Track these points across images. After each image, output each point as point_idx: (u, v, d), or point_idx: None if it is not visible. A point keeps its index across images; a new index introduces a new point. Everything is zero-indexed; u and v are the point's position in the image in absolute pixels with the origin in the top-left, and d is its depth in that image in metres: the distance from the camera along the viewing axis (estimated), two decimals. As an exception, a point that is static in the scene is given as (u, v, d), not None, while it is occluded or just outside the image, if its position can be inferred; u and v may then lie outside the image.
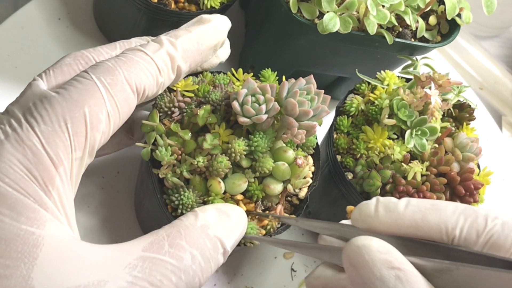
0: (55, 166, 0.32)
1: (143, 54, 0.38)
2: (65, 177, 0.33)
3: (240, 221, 0.38)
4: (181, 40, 0.40)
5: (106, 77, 0.36)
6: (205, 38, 0.42)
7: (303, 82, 0.42)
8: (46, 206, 0.31)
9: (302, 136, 0.42)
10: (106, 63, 0.37)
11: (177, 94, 0.43)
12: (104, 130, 0.35)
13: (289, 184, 0.43)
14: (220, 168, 0.40)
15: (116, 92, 0.36)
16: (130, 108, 0.37)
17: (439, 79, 0.50)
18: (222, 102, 0.43)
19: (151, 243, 0.34)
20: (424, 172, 0.48)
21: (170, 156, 0.41)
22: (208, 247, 0.35)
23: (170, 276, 0.32)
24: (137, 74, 0.37)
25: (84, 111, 0.34)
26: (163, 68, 0.39)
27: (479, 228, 0.33)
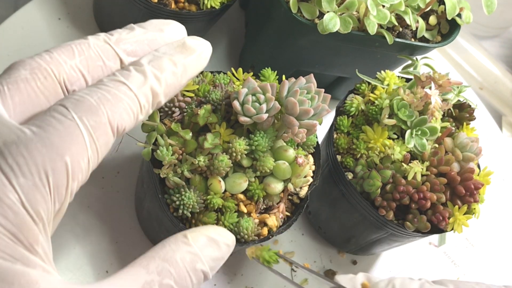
0: (36, 224, 0.30)
1: (127, 90, 0.35)
2: (44, 232, 0.31)
3: (227, 251, 0.38)
4: (166, 74, 0.37)
5: (89, 119, 0.32)
6: (188, 71, 0.38)
7: (303, 81, 0.42)
8: (34, 265, 0.30)
9: (302, 135, 0.42)
10: (88, 99, 0.33)
11: (178, 94, 0.43)
12: (82, 179, 0.33)
13: (289, 183, 0.43)
14: (221, 167, 0.40)
15: (98, 136, 0.32)
16: (107, 149, 0.34)
17: (439, 79, 0.50)
18: (222, 102, 0.43)
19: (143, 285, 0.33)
20: (424, 172, 0.48)
21: (171, 156, 0.41)
22: (193, 282, 0.35)
23: None
24: (121, 114, 0.34)
25: (66, 161, 0.31)
26: (144, 105, 0.36)
27: None
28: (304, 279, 0.58)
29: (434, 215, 0.47)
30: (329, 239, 0.61)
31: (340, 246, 0.61)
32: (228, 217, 0.42)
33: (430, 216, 0.48)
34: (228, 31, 0.70)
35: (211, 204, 0.41)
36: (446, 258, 0.66)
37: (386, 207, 0.48)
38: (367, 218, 0.50)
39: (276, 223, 0.43)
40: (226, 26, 0.70)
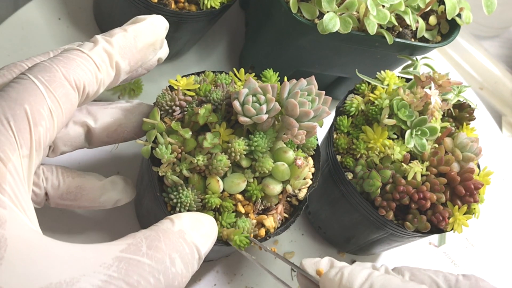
0: (3, 163, 0.32)
1: (79, 52, 0.38)
2: (15, 174, 0.33)
3: (212, 229, 0.39)
4: (116, 37, 0.40)
5: (43, 75, 0.36)
6: (141, 35, 0.42)
7: (304, 83, 0.42)
8: (3, 204, 0.31)
9: (302, 137, 0.42)
10: (42, 63, 0.37)
11: (178, 93, 0.43)
12: (48, 127, 0.35)
13: (288, 185, 0.43)
14: (220, 166, 0.40)
15: (55, 88, 0.36)
16: (72, 104, 0.37)
17: (439, 79, 0.50)
18: (223, 102, 0.43)
19: (128, 245, 0.33)
20: (424, 172, 0.48)
21: (170, 154, 0.41)
22: (186, 252, 0.35)
23: (148, 277, 0.32)
24: (75, 70, 0.37)
25: (25, 108, 0.34)
26: (101, 64, 0.39)
27: None
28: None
29: (434, 215, 0.47)
30: (329, 239, 0.61)
31: (340, 246, 0.61)
32: (226, 217, 0.42)
33: (430, 216, 0.48)
34: (228, 31, 0.70)
35: (209, 203, 0.41)
36: (446, 258, 0.66)
37: (386, 207, 0.48)
38: (367, 218, 0.50)
39: (273, 224, 0.43)
40: (226, 26, 0.70)
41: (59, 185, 0.46)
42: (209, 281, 0.55)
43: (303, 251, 0.60)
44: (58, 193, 0.46)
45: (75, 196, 0.46)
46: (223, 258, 0.57)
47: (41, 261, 0.30)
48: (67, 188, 0.46)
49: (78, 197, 0.47)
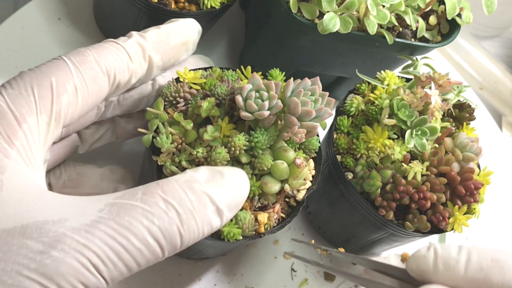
0: (18, 122, 0.34)
1: (114, 43, 0.41)
2: (29, 134, 0.35)
3: (236, 181, 0.36)
4: (150, 33, 0.43)
5: (75, 57, 0.38)
6: (174, 33, 0.44)
7: (308, 83, 0.42)
8: (9, 155, 0.33)
9: (302, 135, 0.42)
10: (78, 49, 0.39)
11: (184, 85, 0.44)
12: (71, 101, 0.37)
13: (286, 184, 0.43)
14: (218, 159, 0.40)
15: (84, 69, 0.38)
16: (99, 87, 0.39)
17: (439, 79, 0.50)
18: (227, 97, 0.43)
19: (124, 193, 0.33)
20: (424, 172, 0.48)
21: (170, 144, 0.41)
22: (190, 199, 0.33)
23: (140, 219, 0.31)
24: (107, 57, 0.39)
25: (51, 80, 0.36)
26: (133, 55, 0.41)
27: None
28: (304, 279, 0.58)
29: (434, 215, 0.47)
30: (329, 239, 0.61)
31: (340, 246, 0.61)
32: None
33: (430, 216, 0.48)
34: (228, 31, 0.70)
35: None
36: (446, 258, 0.66)
37: (386, 207, 0.48)
38: (367, 218, 0.50)
39: (265, 220, 0.43)
40: (226, 26, 0.70)
41: (61, 173, 0.47)
42: (209, 281, 0.55)
43: (303, 251, 0.60)
44: (60, 182, 0.47)
45: (77, 183, 0.47)
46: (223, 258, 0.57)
47: (33, 203, 0.31)
48: (69, 176, 0.47)
49: (80, 184, 0.47)
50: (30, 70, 0.37)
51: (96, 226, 0.30)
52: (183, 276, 0.55)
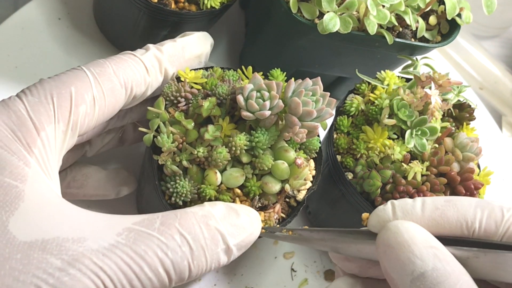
0: (37, 130, 0.35)
1: (132, 56, 0.42)
2: (47, 143, 0.35)
3: (250, 222, 0.37)
4: (166, 46, 0.44)
5: (94, 68, 0.39)
6: (188, 47, 0.46)
7: (309, 83, 0.42)
8: (29, 164, 0.33)
9: (302, 136, 0.42)
10: (96, 60, 0.40)
11: (185, 85, 0.44)
12: (89, 112, 0.38)
13: (287, 184, 0.43)
14: (219, 159, 0.41)
15: (103, 81, 0.39)
16: (116, 99, 0.40)
17: (439, 79, 0.50)
18: (228, 97, 0.43)
19: (143, 219, 0.34)
20: (424, 172, 0.48)
21: (171, 144, 0.41)
22: (204, 235, 0.34)
23: (155, 250, 0.32)
24: (125, 70, 0.40)
25: (71, 90, 0.37)
26: (150, 68, 0.42)
27: (497, 219, 0.33)
28: (304, 279, 0.58)
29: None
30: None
31: (340, 246, 0.61)
32: None
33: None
34: (228, 31, 0.70)
35: (204, 193, 0.41)
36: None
37: (386, 207, 0.48)
38: (367, 218, 0.50)
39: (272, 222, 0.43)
40: (226, 26, 0.70)
41: (66, 174, 0.48)
42: (209, 281, 0.55)
43: (303, 251, 0.60)
44: (65, 182, 0.48)
45: (81, 183, 0.48)
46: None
47: (53, 217, 0.32)
48: (74, 176, 0.48)
49: (84, 185, 0.49)
50: (50, 78, 0.38)
51: (113, 251, 0.31)
52: (183, 276, 0.55)
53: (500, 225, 0.33)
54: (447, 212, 0.34)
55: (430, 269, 0.31)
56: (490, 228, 0.33)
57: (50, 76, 0.39)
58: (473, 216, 0.33)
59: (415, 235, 0.32)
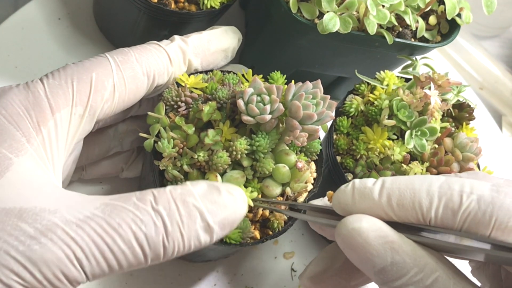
0: (52, 111, 0.35)
1: (156, 46, 0.42)
2: (60, 125, 0.36)
3: (233, 200, 0.36)
4: (192, 38, 0.44)
5: (117, 56, 0.40)
6: (214, 40, 0.46)
7: (309, 86, 0.42)
8: (32, 142, 0.34)
9: (303, 139, 0.42)
10: (121, 48, 0.41)
11: (185, 89, 0.44)
12: (108, 98, 0.38)
13: (287, 187, 0.43)
14: (220, 163, 0.40)
15: (125, 68, 0.39)
16: (137, 86, 0.40)
17: (439, 79, 0.50)
18: (228, 100, 0.43)
19: (121, 195, 0.34)
20: (424, 173, 0.48)
21: (172, 149, 0.41)
22: (180, 212, 0.34)
23: (129, 223, 0.32)
24: (148, 59, 0.41)
25: (91, 75, 0.38)
26: (174, 59, 0.43)
27: (455, 208, 0.32)
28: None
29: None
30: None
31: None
32: None
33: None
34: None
35: None
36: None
37: (385, 208, 0.48)
38: (367, 218, 0.50)
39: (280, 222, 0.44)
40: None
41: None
42: (209, 281, 0.55)
43: (303, 251, 0.60)
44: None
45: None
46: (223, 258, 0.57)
47: (32, 190, 0.32)
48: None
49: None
50: (73, 63, 0.39)
51: (87, 222, 0.31)
52: (183, 276, 0.55)
53: (457, 216, 0.32)
54: (403, 199, 0.33)
55: (389, 264, 0.31)
56: (447, 219, 0.32)
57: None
58: (428, 205, 0.32)
59: (368, 236, 0.32)
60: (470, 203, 0.32)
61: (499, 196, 0.31)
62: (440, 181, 0.33)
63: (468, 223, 0.32)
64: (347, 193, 0.35)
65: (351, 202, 0.35)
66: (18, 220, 0.31)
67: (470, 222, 0.32)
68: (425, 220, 0.33)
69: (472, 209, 0.31)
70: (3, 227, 0.30)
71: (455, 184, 0.32)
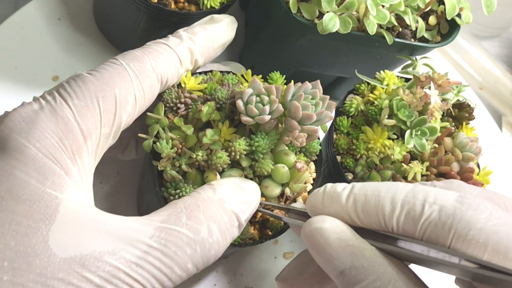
0: (84, 138, 0.34)
1: (167, 47, 0.41)
2: (91, 150, 0.35)
3: (254, 196, 0.39)
4: (198, 36, 0.44)
5: (134, 64, 0.38)
6: (218, 36, 0.46)
7: (309, 87, 0.42)
8: (70, 174, 0.33)
9: (302, 140, 0.42)
10: (134, 52, 0.40)
11: (185, 90, 0.44)
12: (131, 112, 0.38)
13: (287, 188, 0.43)
14: (219, 163, 0.41)
15: (143, 78, 0.38)
16: (153, 94, 0.40)
17: (439, 79, 0.50)
18: (227, 101, 0.43)
19: (169, 215, 0.34)
20: (424, 172, 0.48)
21: (171, 149, 0.41)
22: (225, 221, 0.36)
23: (184, 248, 0.33)
24: (162, 64, 0.40)
25: (115, 92, 0.36)
26: (184, 61, 0.42)
27: (415, 216, 0.32)
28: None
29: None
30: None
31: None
32: None
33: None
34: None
35: None
36: (446, 258, 0.66)
37: (385, 207, 0.48)
38: (367, 218, 0.50)
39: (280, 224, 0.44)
40: (226, 26, 0.70)
41: None
42: (209, 281, 0.55)
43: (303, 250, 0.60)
44: None
45: None
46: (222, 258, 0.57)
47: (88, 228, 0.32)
48: None
49: None
50: (91, 75, 0.36)
51: (146, 259, 0.32)
52: (183, 276, 0.55)
53: (417, 225, 0.31)
54: (368, 205, 0.33)
55: (348, 268, 0.31)
56: (408, 227, 0.32)
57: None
58: (391, 212, 0.32)
59: (329, 237, 0.32)
60: (431, 213, 0.31)
61: (462, 207, 0.31)
62: (407, 190, 0.33)
63: (428, 233, 0.31)
64: (318, 196, 0.36)
65: (320, 205, 0.35)
66: (82, 269, 0.30)
67: (430, 232, 0.31)
68: (387, 227, 0.33)
69: (432, 220, 0.31)
70: (70, 281, 0.29)
71: (419, 193, 0.32)
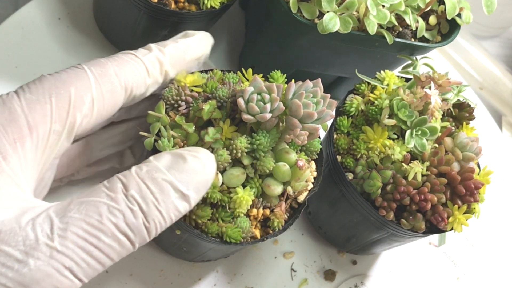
0: (29, 128, 0.34)
1: (134, 56, 0.41)
2: (37, 142, 0.35)
3: (200, 163, 0.36)
4: (168, 48, 0.43)
5: (96, 68, 0.38)
6: (190, 49, 0.45)
7: (310, 85, 0.42)
8: (8, 159, 0.33)
9: (304, 138, 0.42)
10: (98, 59, 0.39)
11: (185, 88, 0.44)
12: (87, 113, 0.37)
13: (289, 186, 0.43)
14: (220, 161, 0.41)
15: (104, 82, 0.38)
16: (115, 100, 0.39)
17: (439, 79, 0.50)
18: (228, 99, 0.43)
19: (90, 191, 0.34)
20: (424, 172, 0.48)
21: (172, 147, 0.41)
22: (152, 190, 0.34)
23: (108, 216, 0.32)
24: (126, 71, 0.40)
25: (70, 90, 0.36)
26: (151, 71, 0.41)
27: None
28: (303, 279, 0.58)
29: (433, 215, 0.47)
30: (329, 239, 0.61)
31: (340, 246, 0.61)
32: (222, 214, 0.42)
33: (430, 216, 0.48)
34: (228, 31, 0.70)
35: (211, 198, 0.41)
36: (446, 258, 0.66)
37: (386, 208, 0.48)
38: (368, 218, 0.50)
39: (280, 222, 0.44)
40: (226, 26, 0.70)
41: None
42: (209, 281, 0.55)
43: (303, 251, 0.60)
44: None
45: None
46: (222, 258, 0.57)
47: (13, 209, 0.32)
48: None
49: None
50: (50, 75, 0.37)
51: (68, 229, 0.31)
52: (183, 276, 0.55)
53: None
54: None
55: None
56: None
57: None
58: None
59: None
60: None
61: None
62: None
63: None
64: None
65: None
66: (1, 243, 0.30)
67: None
68: None
69: None
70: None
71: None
